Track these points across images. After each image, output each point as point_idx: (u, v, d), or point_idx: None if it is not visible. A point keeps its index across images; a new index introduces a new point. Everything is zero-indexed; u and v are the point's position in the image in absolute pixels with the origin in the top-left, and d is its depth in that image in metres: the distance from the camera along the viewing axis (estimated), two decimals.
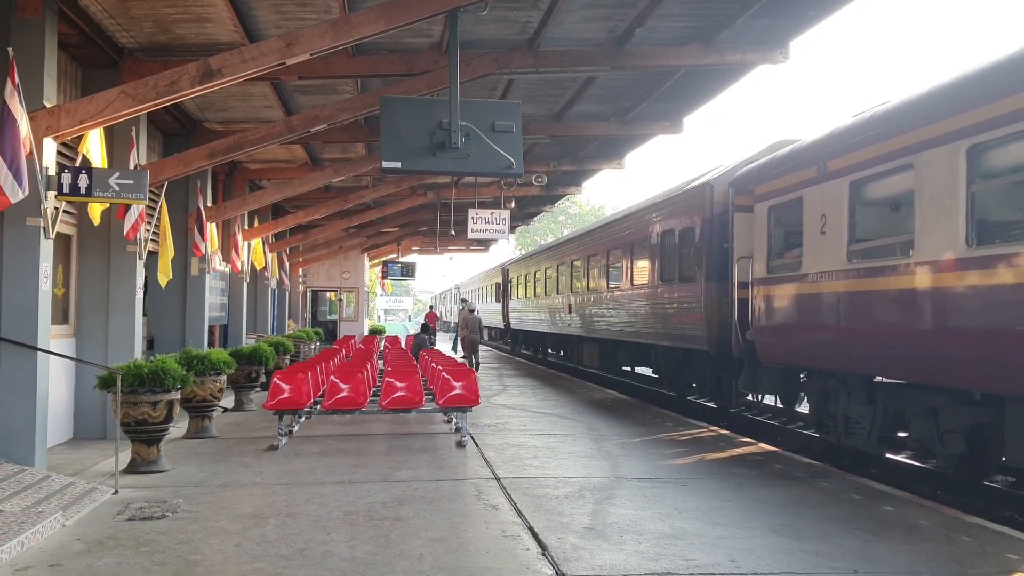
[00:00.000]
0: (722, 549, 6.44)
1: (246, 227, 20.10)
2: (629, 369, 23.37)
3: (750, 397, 14.95)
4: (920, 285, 8.52)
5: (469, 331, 25.04)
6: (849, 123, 10.31)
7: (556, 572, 5.86)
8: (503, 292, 38.59)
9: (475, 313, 25.93)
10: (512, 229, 28.64)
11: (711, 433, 12.71)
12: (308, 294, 36.47)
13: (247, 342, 18.68)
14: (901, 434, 10.10)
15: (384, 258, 42.71)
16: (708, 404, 17.01)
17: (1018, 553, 6.40)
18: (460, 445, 11.21)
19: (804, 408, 13.60)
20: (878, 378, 9.97)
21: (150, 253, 12.71)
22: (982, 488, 9.62)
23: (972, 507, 8.90)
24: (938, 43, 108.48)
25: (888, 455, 11.06)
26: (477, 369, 22.83)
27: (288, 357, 18.84)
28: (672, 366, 17.06)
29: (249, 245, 20.10)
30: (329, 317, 38.08)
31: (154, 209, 12.68)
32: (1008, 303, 7.38)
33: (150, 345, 15.07)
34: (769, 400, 15.23)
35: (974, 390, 8.30)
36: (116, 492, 8.28)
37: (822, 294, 10.38)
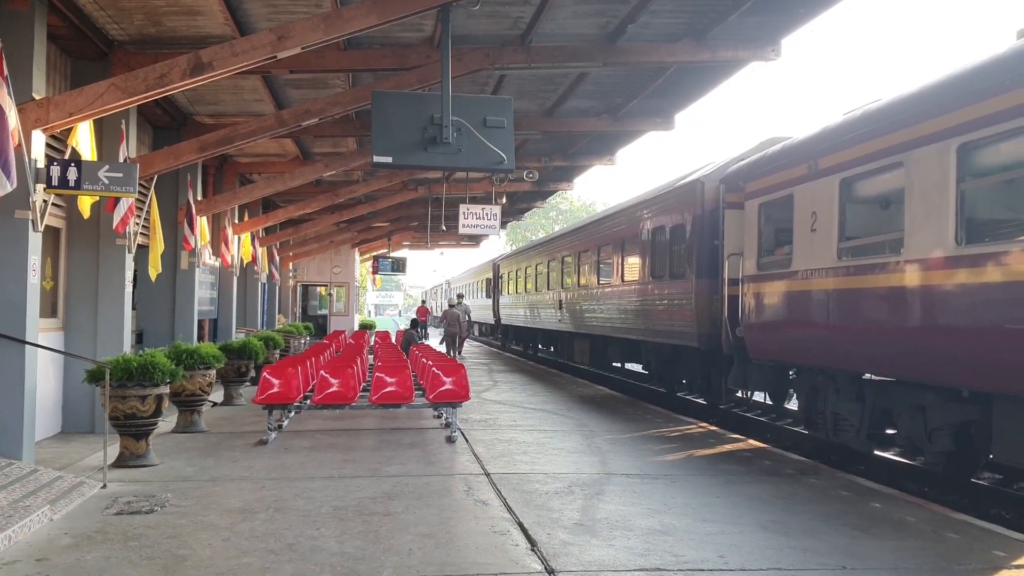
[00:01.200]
0: (711, 545, 6.45)
1: (236, 221, 20.03)
2: (619, 365, 23.43)
3: (740, 394, 14.99)
4: (909, 283, 8.55)
5: (448, 325, 26.83)
6: (840, 121, 10.33)
7: (545, 567, 5.87)
8: (494, 288, 38.58)
9: (454, 308, 27.48)
10: (503, 225, 28.66)
11: (701, 429, 12.74)
12: (298, 289, 36.40)
13: (237, 336, 18.62)
14: (889, 431, 10.14)
15: (375, 253, 42.67)
16: (698, 400, 17.05)
17: (1005, 550, 6.44)
18: (450, 440, 11.21)
19: (793, 405, 13.64)
20: (867, 375, 10.01)
21: (140, 246, 12.65)
22: (969, 485, 9.67)
23: (960, 504, 8.95)
24: (929, 41, 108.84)
25: (876, 452, 11.11)
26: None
27: (278, 352, 18.80)
28: (662, 362, 17.08)
29: (239, 239, 20.03)
30: (319, 312, 38.02)
31: (143, 202, 12.62)
32: (996, 301, 7.42)
33: (139, 339, 15.02)
34: (759, 397, 15.27)
35: (962, 387, 8.34)
36: (104, 486, 8.25)
37: (812, 291, 10.41)
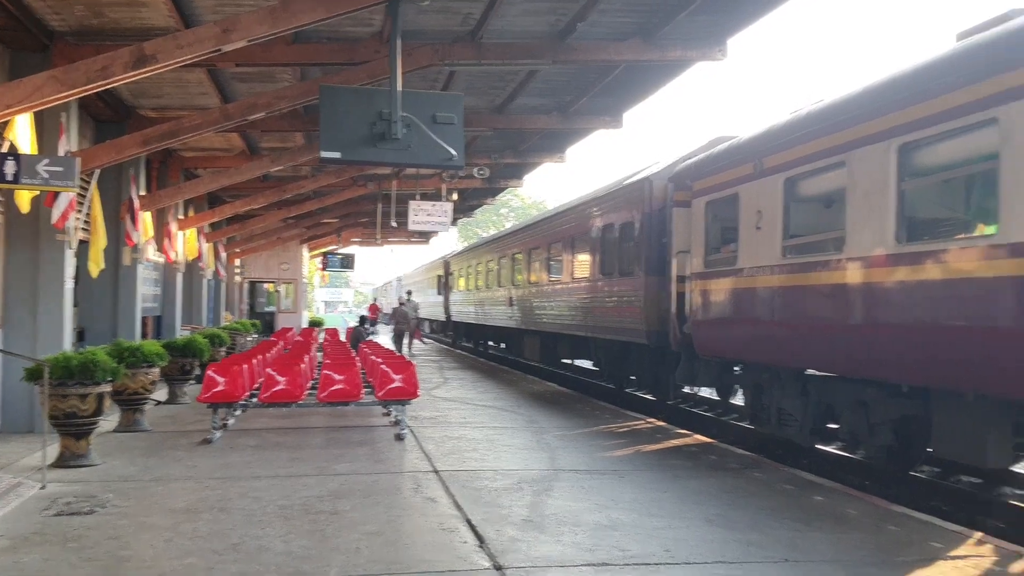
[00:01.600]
0: (657, 539, 6.52)
1: (181, 216, 19.69)
2: (569, 362, 23.54)
3: (687, 389, 15.16)
4: (851, 280, 8.71)
5: (397, 322, 28.02)
6: (784, 121, 10.48)
7: (493, 564, 5.87)
8: (444, 285, 38.51)
9: (403, 306, 28.42)
10: (453, 221, 28.64)
11: (649, 425, 12.86)
12: (246, 285, 35.92)
13: (181, 334, 18.32)
14: (832, 426, 10.34)
15: (324, 249, 42.29)
16: (646, 396, 17.21)
17: (942, 542, 6.60)
18: (399, 438, 11.16)
19: (740, 400, 13.83)
20: (811, 371, 10.19)
21: (81, 242, 12.37)
22: (909, 479, 9.90)
23: (899, 497, 9.14)
24: (873, 43, 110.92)
25: (820, 446, 11.32)
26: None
27: (224, 349, 18.54)
28: (612, 359, 17.21)
29: (184, 235, 19.70)
30: (267, 309, 37.57)
31: (84, 197, 12.34)
32: (935, 299, 7.60)
33: (80, 337, 14.69)
34: (706, 392, 15.46)
35: (902, 383, 8.53)
36: (43, 487, 8.06)
37: (757, 288, 10.56)
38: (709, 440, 11.69)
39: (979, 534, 6.91)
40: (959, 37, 8.25)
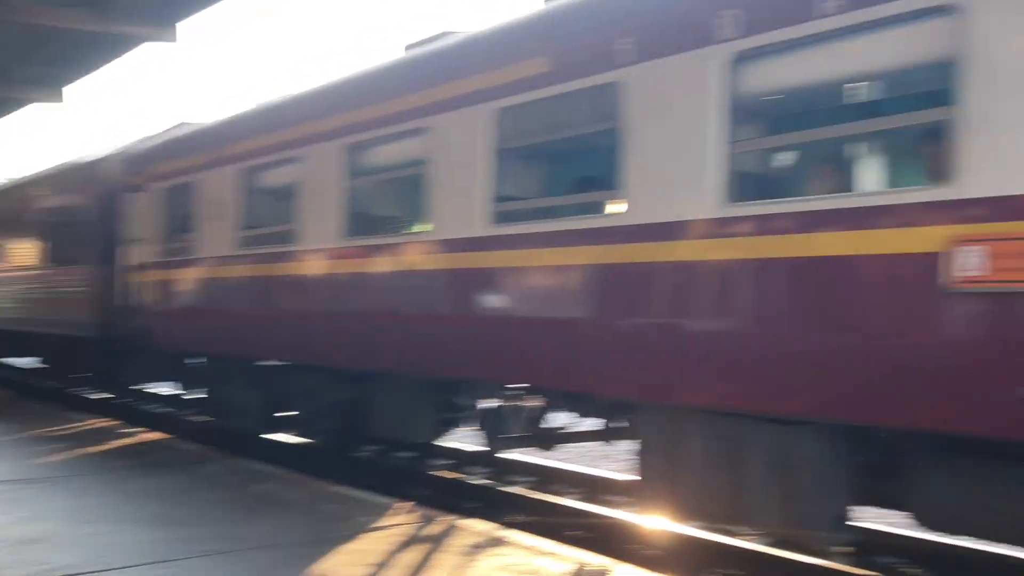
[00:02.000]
0: (91, 548, 6.06)
1: None
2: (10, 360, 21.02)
3: (145, 385, 14.48)
4: (302, 272, 9.03)
5: None
6: (243, 112, 10.51)
7: None
8: None
9: None
10: None
11: (98, 425, 11.98)
12: None
13: None
14: (288, 413, 10.58)
15: None
16: (100, 395, 16.07)
17: (371, 515, 7.11)
18: None
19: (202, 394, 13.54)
20: (268, 361, 10.33)
21: None
22: (354, 459, 10.56)
23: (343, 477, 9.65)
24: (343, 40, 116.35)
25: (274, 435, 11.53)
26: None
27: None
28: (61, 355, 15.77)
29: None
30: None
31: None
32: (380, 289, 8.20)
33: None
34: (168, 387, 14.89)
35: (347, 368, 9.05)
36: None
37: (214, 279, 10.44)
38: (161, 436, 11.24)
39: (408, 504, 7.59)
40: (407, 48, 8.95)
